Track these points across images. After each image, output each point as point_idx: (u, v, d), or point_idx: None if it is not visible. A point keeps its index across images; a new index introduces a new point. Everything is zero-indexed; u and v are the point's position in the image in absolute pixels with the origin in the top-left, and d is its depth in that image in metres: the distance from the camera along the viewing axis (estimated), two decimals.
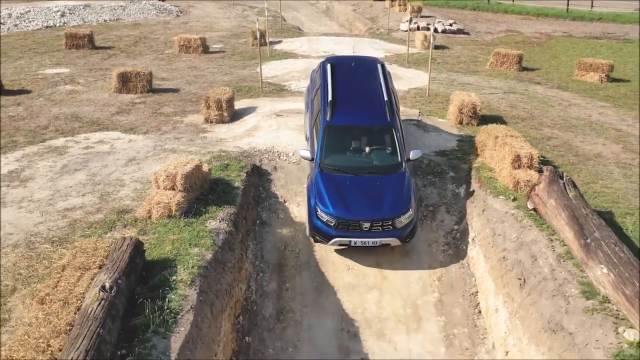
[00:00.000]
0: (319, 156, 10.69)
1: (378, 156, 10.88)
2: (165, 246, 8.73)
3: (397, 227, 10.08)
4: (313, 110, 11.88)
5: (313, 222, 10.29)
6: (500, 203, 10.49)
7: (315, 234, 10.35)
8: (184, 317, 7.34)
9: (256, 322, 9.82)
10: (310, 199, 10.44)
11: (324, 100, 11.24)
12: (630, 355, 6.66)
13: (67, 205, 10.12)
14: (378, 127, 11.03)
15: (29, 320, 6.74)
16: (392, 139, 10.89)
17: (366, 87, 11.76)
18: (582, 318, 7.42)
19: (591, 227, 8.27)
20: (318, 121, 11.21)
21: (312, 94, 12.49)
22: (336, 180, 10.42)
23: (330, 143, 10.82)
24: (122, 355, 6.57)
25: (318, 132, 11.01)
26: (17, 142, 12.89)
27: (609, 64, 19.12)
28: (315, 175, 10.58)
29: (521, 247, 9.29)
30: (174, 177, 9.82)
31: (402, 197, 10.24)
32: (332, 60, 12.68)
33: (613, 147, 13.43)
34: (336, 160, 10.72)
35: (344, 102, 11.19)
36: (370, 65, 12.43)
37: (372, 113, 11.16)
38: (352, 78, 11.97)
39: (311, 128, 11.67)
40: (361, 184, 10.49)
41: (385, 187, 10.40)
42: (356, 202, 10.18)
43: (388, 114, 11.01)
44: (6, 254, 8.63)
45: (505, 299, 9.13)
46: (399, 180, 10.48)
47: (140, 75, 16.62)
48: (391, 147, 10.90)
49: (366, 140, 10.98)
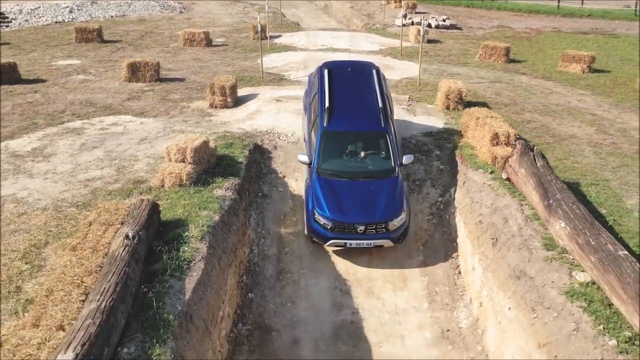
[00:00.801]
0: (316, 161, 11.17)
1: (372, 161, 11.35)
2: (177, 209, 9.82)
3: (389, 229, 10.59)
4: (311, 115, 12.32)
5: (311, 224, 10.81)
6: (479, 175, 11.60)
7: (312, 236, 10.95)
8: (196, 265, 8.44)
9: (258, 281, 10.92)
10: (308, 202, 10.97)
11: (322, 106, 11.65)
12: (579, 292, 7.77)
13: (88, 177, 11.22)
14: (372, 133, 11.45)
15: (63, 263, 7.85)
16: (386, 144, 11.35)
17: (362, 93, 12.13)
18: (542, 265, 8.53)
19: (554, 190, 9.38)
20: (315, 126, 11.65)
21: (310, 97, 12.88)
22: (332, 185, 10.89)
23: (327, 148, 11.27)
24: (144, 292, 7.67)
25: (315, 137, 11.46)
26: (37, 124, 13.99)
27: (591, 56, 20.24)
28: (312, 180, 11.09)
29: (495, 211, 10.39)
30: (184, 151, 10.91)
31: (394, 202, 10.73)
32: (329, 66, 13.05)
33: (587, 129, 14.53)
34: (333, 165, 11.19)
35: (340, 109, 11.60)
36: (366, 71, 12.82)
37: (367, 120, 11.57)
38: (348, 84, 12.32)
39: (309, 132, 12.12)
40: (356, 188, 10.94)
41: (378, 191, 10.84)
42: (351, 206, 10.64)
43: (382, 120, 11.42)
44: (37, 215, 9.73)
45: (480, 257, 10.24)
46: (392, 185, 10.96)
47: (148, 65, 17.72)
48: (385, 152, 11.34)
49: (361, 145, 11.42)
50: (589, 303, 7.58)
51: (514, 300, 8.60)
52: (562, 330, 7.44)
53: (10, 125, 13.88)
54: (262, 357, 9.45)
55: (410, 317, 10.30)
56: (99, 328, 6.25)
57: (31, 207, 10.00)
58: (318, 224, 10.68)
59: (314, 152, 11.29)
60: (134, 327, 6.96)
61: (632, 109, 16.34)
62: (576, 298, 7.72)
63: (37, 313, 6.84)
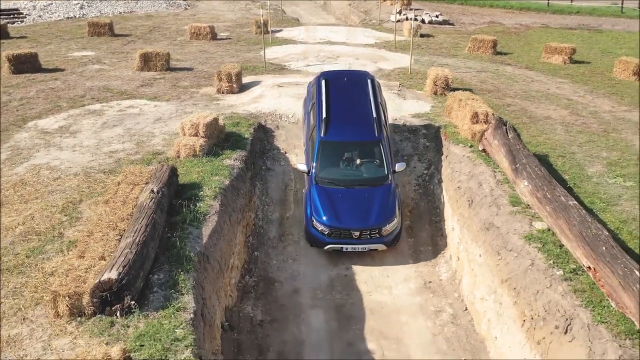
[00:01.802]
0: (314, 170, 11.88)
1: (367, 169, 12.02)
2: (192, 175, 11.22)
3: (383, 234, 11.32)
4: (310, 124, 12.95)
5: (309, 230, 11.53)
6: (460, 149, 12.99)
7: (311, 240, 11.67)
8: (210, 218, 9.83)
9: (263, 241, 12.31)
10: (307, 209, 11.69)
11: (319, 117, 12.33)
12: (536, 237, 9.18)
13: (111, 149, 12.62)
14: (367, 142, 12.12)
15: (99, 212, 9.25)
16: (379, 152, 12.02)
17: (357, 104, 12.77)
18: (508, 217, 9.93)
19: (521, 157, 10.79)
20: (314, 136, 12.35)
21: (309, 106, 13.48)
22: (329, 193, 11.59)
23: (324, 157, 11.97)
24: (168, 237, 9.06)
25: (313, 146, 12.16)
26: (61, 107, 15.37)
27: (572, 48, 21.64)
28: (311, 189, 11.81)
29: (471, 178, 11.79)
30: (197, 126, 12.31)
31: (387, 208, 11.43)
32: (327, 76, 13.69)
33: (562, 111, 15.92)
34: (329, 173, 11.89)
35: (337, 119, 12.28)
36: (362, 81, 13.39)
37: (362, 130, 12.21)
38: (344, 94, 12.96)
39: (307, 141, 12.84)
40: (351, 196, 11.64)
41: (372, 199, 11.50)
42: (347, 213, 11.34)
43: (376, 130, 12.09)
44: (70, 179, 11.13)
45: (458, 218, 11.64)
46: (385, 192, 11.65)
47: (159, 55, 19.11)
48: (379, 160, 12.00)
49: (357, 153, 12.11)
50: (543, 244, 8.99)
51: (484, 247, 10.00)
52: (520, 266, 8.85)
53: (37, 107, 15.28)
54: (266, 303, 10.83)
55: (397, 272, 11.68)
56: (135, 256, 7.65)
57: (64, 173, 11.40)
58: (316, 230, 11.39)
59: (312, 161, 12.00)
60: (161, 261, 8.37)
61: (605, 95, 17.74)
62: (533, 241, 9.13)
63: (81, 248, 8.24)
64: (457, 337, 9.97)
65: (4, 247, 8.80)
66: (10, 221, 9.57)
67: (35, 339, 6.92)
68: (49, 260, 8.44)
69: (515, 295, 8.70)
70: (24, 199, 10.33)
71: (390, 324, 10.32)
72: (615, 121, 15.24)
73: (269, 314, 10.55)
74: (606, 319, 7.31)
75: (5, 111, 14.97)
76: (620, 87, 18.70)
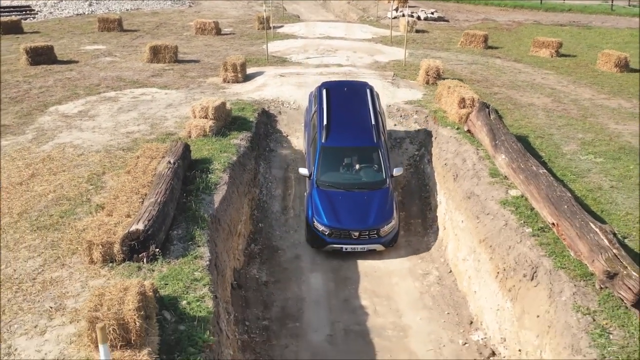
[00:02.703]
0: (315, 174, 12.42)
1: (366, 173, 12.59)
2: (203, 152, 12.36)
3: (381, 235, 11.84)
4: (311, 131, 13.52)
5: (311, 230, 12.01)
6: (447, 131, 14.14)
7: (312, 241, 12.12)
8: (220, 187, 10.98)
9: (267, 214, 13.46)
10: (308, 210, 12.21)
11: (320, 124, 12.92)
12: (511, 202, 10.34)
13: (128, 131, 13.77)
14: (366, 148, 12.70)
15: (122, 180, 10.40)
16: (378, 158, 12.60)
17: (356, 112, 13.37)
18: (487, 187, 11.09)
19: (500, 134, 11.95)
20: (315, 142, 12.89)
21: (310, 114, 14.02)
22: (330, 196, 12.14)
23: (325, 161, 12.52)
24: (183, 202, 10.21)
25: (314, 151, 12.71)
26: (78, 94, 16.53)
27: (558, 42, 22.80)
28: (312, 191, 12.33)
29: (457, 155, 12.95)
30: (207, 109, 13.46)
31: (385, 210, 11.98)
32: (327, 86, 14.24)
33: (544, 99, 17.07)
34: (330, 177, 12.44)
35: (337, 126, 12.89)
36: (361, 91, 14.05)
37: (361, 136, 12.80)
38: (344, 103, 13.57)
39: (309, 147, 13.35)
40: (351, 198, 12.17)
41: (371, 201, 12.05)
42: (347, 215, 11.88)
43: (375, 136, 12.68)
44: (92, 155, 12.28)
45: (444, 192, 12.79)
46: (383, 195, 12.21)
47: (168, 48, 20.28)
48: (377, 165, 12.57)
49: (356, 158, 12.69)
50: (516, 208, 10.16)
51: (465, 214, 11.16)
52: (496, 227, 10.01)
53: (56, 95, 16.43)
54: (270, 267, 11.97)
55: None
56: (158, 212, 8.82)
57: (86, 150, 12.56)
58: (317, 231, 11.90)
59: (313, 165, 12.57)
60: (179, 220, 9.53)
61: (587, 85, 18.89)
62: (508, 206, 10.29)
63: (109, 208, 9.40)
64: (442, 295, 11.12)
65: (39, 210, 9.96)
66: (42, 189, 10.73)
67: (74, 280, 8.08)
68: (80, 220, 9.59)
69: (491, 252, 9.86)
70: (52, 172, 11.48)
71: (382, 285, 11.46)
72: (593, 107, 16.40)
73: (273, 275, 11.69)
74: (565, 265, 8.46)
75: (27, 97, 16.13)
76: (602, 77, 19.86)
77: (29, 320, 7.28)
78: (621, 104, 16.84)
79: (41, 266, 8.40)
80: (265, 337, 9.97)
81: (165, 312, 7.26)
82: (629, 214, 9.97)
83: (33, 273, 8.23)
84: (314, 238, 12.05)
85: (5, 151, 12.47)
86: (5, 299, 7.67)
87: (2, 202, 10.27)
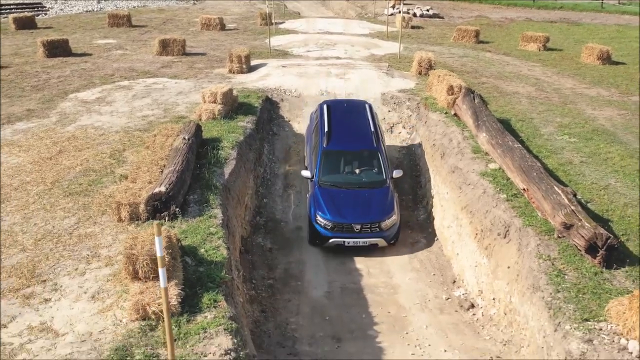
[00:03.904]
0: (317, 175, 12.80)
1: (367, 175, 12.95)
2: (213, 132, 13.60)
3: (382, 229, 12.08)
4: (312, 142, 13.92)
5: (313, 226, 12.25)
6: (436, 115, 15.38)
7: (314, 237, 12.33)
8: (229, 162, 12.21)
9: (271, 191, 14.70)
10: (310, 209, 12.45)
11: (322, 132, 13.45)
12: (489, 174, 11.58)
13: (143, 114, 15.02)
14: (366, 151, 13.11)
15: (142, 154, 11.64)
16: (378, 161, 12.97)
17: (356, 122, 13.96)
18: (469, 161, 12.34)
19: (482, 116, 13.19)
20: (316, 149, 13.30)
21: (311, 130, 14.43)
22: (332, 193, 12.52)
23: (327, 164, 12.89)
24: (197, 173, 11.44)
25: (316, 157, 13.09)
26: (94, 83, 17.78)
27: (545, 36, 24.06)
28: (314, 190, 12.66)
29: (444, 136, 14.19)
30: (216, 95, 14.70)
31: (386, 205, 12.34)
32: (328, 103, 14.86)
33: (529, 88, 18.32)
34: (332, 178, 12.82)
35: (338, 133, 13.42)
36: (360, 106, 14.74)
37: (361, 141, 13.30)
38: (344, 116, 14.19)
39: (310, 155, 13.73)
40: (352, 195, 12.55)
41: (372, 197, 12.45)
42: (349, 209, 12.24)
43: (374, 141, 13.18)
44: (112, 135, 13.52)
45: (433, 169, 14.04)
46: (383, 193, 12.60)
47: (176, 41, 21.53)
48: (377, 168, 12.96)
49: (357, 162, 13.07)
50: (494, 178, 11.40)
51: (450, 186, 12.41)
52: (475, 195, 11.25)
53: (74, 83, 17.68)
54: (274, 236, 13.20)
55: None
56: (176, 178, 10.07)
57: (107, 131, 13.80)
58: (319, 226, 12.20)
59: (315, 168, 12.95)
60: (194, 187, 10.77)
61: (570, 75, 20.15)
62: (486, 177, 11.53)
63: (133, 177, 10.64)
64: (429, 259, 12.35)
65: (69, 180, 11.20)
66: (70, 163, 11.97)
67: (106, 234, 9.32)
68: (107, 187, 10.84)
69: (471, 217, 11.11)
70: (77, 149, 12.73)
71: (375, 251, 12.68)
72: (574, 95, 17.64)
73: (276, 243, 12.92)
74: (532, 224, 9.70)
75: (48, 86, 17.39)
76: (585, 69, 21.12)
77: (70, 264, 8.53)
78: (600, 92, 18.09)
79: (76, 224, 9.64)
80: (270, 293, 11.20)
81: (187, 258, 8.49)
82: (594, 184, 11.22)
83: (69, 229, 9.48)
84: (315, 234, 12.33)
85: (33, 132, 13.72)
86: (47, 249, 8.91)
87: (35, 173, 11.52)
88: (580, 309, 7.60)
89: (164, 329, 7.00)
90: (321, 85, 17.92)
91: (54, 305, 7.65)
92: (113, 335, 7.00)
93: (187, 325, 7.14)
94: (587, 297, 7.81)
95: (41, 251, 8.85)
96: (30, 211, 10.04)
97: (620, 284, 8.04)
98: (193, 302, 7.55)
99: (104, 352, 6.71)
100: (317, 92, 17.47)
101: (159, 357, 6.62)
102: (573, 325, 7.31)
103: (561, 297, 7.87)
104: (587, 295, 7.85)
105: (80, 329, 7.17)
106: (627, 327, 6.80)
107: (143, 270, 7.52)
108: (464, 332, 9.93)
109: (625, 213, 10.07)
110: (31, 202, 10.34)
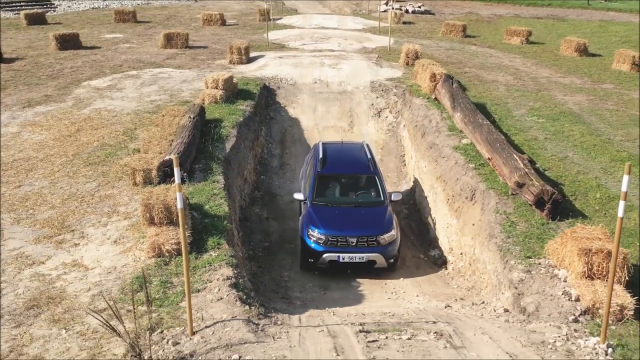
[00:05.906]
0: (310, 196, 11.92)
1: (364, 198, 12.15)
2: (215, 114, 15.02)
3: (381, 243, 10.99)
4: (307, 176, 13.08)
5: (305, 243, 11.17)
6: (420, 100, 16.81)
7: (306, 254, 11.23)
8: (231, 138, 13.64)
9: (268, 169, 16.14)
10: (302, 228, 11.41)
11: (316, 160, 12.70)
12: (462, 148, 13.02)
13: (151, 99, 16.45)
14: (363, 176, 12.38)
15: (153, 131, 13.07)
16: (375, 186, 12.19)
17: (352, 154, 13.33)
18: (445, 138, 13.77)
19: (459, 98, 14.63)
20: (310, 176, 12.50)
21: (307, 167, 13.63)
22: (326, 209, 11.65)
23: (321, 188, 12.04)
24: (202, 147, 12.86)
25: (309, 182, 12.29)
26: (105, 72, 19.22)
27: (528, 31, 25.49)
28: (307, 209, 11.76)
29: (425, 117, 15.62)
30: (217, 81, 16.13)
31: (384, 221, 11.35)
32: (324, 142, 13.97)
33: (507, 77, 19.75)
34: (327, 199, 11.96)
35: (333, 159, 12.75)
36: (357, 145, 14.10)
37: (357, 166, 12.62)
38: (341, 151, 13.52)
39: (304, 185, 12.98)
40: (348, 211, 11.75)
41: (369, 213, 11.62)
42: (344, 222, 11.32)
43: (371, 167, 12.45)
44: (124, 116, 14.96)
45: (414, 147, 15.47)
46: (382, 211, 11.67)
47: (180, 35, 22.96)
48: (375, 192, 12.18)
49: (353, 187, 12.31)
50: (465, 151, 12.84)
51: (428, 160, 13.85)
52: (448, 165, 12.69)
53: (86, 73, 19.12)
54: (270, 208, 14.63)
55: None
56: (184, 148, 11.49)
57: (119, 113, 15.24)
58: (311, 241, 11.10)
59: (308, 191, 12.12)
60: (199, 158, 12.20)
61: (548, 66, 21.59)
62: (459, 150, 12.97)
63: (145, 148, 12.07)
64: (409, 226, 13.77)
65: (88, 153, 12.63)
66: (87, 139, 13.41)
67: (123, 196, 10.75)
68: (122, 158, 12.27)
69: (444, 184, 12.54)
70: (93, 128, 14.16)
71: None
72: (549, 84, 19.07)
73: (272, 213, 14.35)
74: (495, 187, 11.13)
75: (62, 75, 18.83)
76: (562, 60, 22.55)
77: (94, 218, 9.96)
78: (573, 80, 19.53)
79: (96, 187, 11.08)
80: (266, 254, 12.62)
81: (194, 212, 9.93)
82: (554, 156, 12.65)
83: (91, 191, 10.92)
84: (307, 251, 11.15)
85: (52, 114, 15.15)
86: (73, 207, 10.35)
87: (58, 147, 12.96)
88: (525, 249, 9.04)
89: (176, 263, 8.47)
90: (315, 74, 19.34)
91: (82, 248, 9.09)
92: (134, 269, 8.43)
93: (195, 261, 8.57)
94: (532, 241, 9.25)
95: (68, 208, 10.28)
96: (56, 177, 11.48)
97: (562, 231, 9.48)
98: (200, 245, 8.98)
99: (126, 280, 8.14)
100: (311, 80, 18.90)
101: (173, 283, 8.05)
102: (517, 261, 8.75)
103: (510, 242, 9.31)
104: (532, 240, 9.29)
105: (106, 264, 8.61)
106: (559, 260, 8.23)
107: (158, 217, 8.96)
108: (435, 283, 11.35)
109: (576, 178, 11.51)
110: (56, 171, 11.79)
